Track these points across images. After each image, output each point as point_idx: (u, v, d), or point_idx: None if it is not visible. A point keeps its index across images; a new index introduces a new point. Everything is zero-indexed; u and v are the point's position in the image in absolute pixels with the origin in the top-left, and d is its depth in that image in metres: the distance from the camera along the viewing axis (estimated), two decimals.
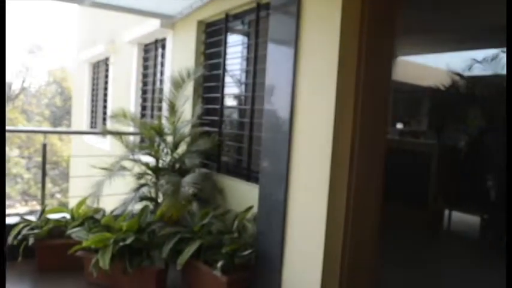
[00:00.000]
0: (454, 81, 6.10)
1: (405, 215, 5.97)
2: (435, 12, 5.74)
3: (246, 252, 3.10)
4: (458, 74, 6.12)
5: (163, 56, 5.74)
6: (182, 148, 4.09)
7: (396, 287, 3.79)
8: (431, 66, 9.45)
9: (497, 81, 5.84)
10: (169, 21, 5.10)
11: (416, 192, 6.02)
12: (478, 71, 6.06)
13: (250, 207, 3.38)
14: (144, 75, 6.41)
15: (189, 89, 4.25)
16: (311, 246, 2.77)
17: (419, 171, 6.02)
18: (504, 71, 5.76)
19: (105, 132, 4.36)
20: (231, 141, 4.18)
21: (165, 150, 4.06)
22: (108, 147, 6.75)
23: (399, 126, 8.96)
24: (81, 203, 3.90)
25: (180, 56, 4.85)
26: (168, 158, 4.04)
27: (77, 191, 5.47)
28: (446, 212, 6.07)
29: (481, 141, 5.84)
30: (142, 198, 3.97)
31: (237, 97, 4.34)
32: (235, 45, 4.24)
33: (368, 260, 2.92)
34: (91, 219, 3.72)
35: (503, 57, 5.78)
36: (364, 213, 2.80)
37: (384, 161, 2.92)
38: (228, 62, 4.21)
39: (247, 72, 4.00)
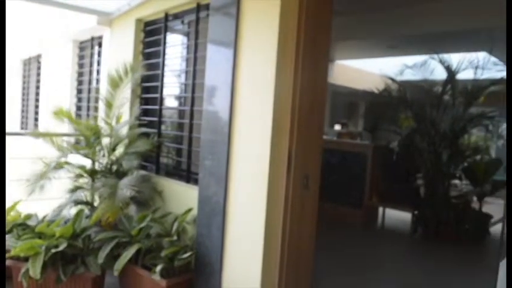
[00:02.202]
0: (387, 84, 6.42)
1: (342, 213, 6.19)
2: (370, 19, 6.02)
3: (186, 255, 3.06)
4: (391, 78, 6.44)
5: (99, 54, 5.54)
6: (120, 150, 3.97)
7: (333, 281, 3.92)
8: (367, 70, 9.88)
9: (425, 86, 6.22)
10: (106, 18, 4.93)
11: (353, 191, 6.26)
12: (408, 75, 6.41)
13: (190, 209, 3.34)
14: (80, 74, 6.15)
15: (127, 89, 4.14)
16: (251, 247, 2.79)
17: (355, 170, 6.26)
18: (432, 76, 6.14)
19: (37, 134, 4.11)
20: (171, 143, 4.12)
21: (102, 152, 3.92)
22: (42, 149, 6.40)
23: (337, 127, 9.26)
24: (10, 209, 3.67)
25: (118, 55, 4.70)
26: (105, 160, 3.91)
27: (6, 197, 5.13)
28: (381, 209, 6.36)
29: (411, 141, 6.19)
30: (77, 203, 3.81)
31: (176, 98, 4.29)
32: (175, 45, 4.19)
33: (307, 260, 3.00)
34: (20, 226, 3.50)
35: (431, 63, 6.15)
36: (303, 212, 2.87)
37: (321, 162, 3.01)
38: (167, 62, 4.15)
39: (186, 72, 3.96)
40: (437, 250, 5.35)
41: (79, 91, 6.14)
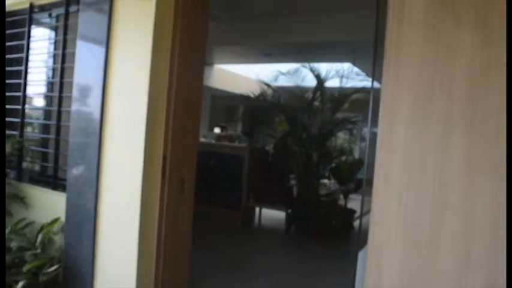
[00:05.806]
0: (263, 90, 6.71)
1: (221, 215, 6.29)
2: (247, 26, 6.24)
3: (53, 268, 2.83)
4: (266, 84, 6.75)
5: None
6: None
7: (211, 281, 3.96)
8: (245, 75, 10.20)
9: (298, 92, 6.65)
10: None
11: (231, 193, 6.40)
12: (282, 81, 6.78)
13: (57, 218, 3.09)
14: None
15: None
16: (125, 254, 2.69)
17: (233, 172, 6.41)
18: (303, 83, 6.59)
19: None
20: (35, 146, 3.77)
21: None
22: None
23: (217, 130, 9.38)
24: None
25: None
26: None
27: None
28: (258, 209, 6.60)
29: (285, 143, 6.56)
30: None
31: (43, 97, 3.94)
32: (42, 40, 3.85)
33: (184, 264, 2.99)
34: None
35: (303, 71, 6.60)
36: (178, 216, 2.84)
37: (200, 164, 3.02)
38: (32, 57, 3.78)
39: (54, 70, 3.66)
40: (308, 245, 5.74)
41: None
